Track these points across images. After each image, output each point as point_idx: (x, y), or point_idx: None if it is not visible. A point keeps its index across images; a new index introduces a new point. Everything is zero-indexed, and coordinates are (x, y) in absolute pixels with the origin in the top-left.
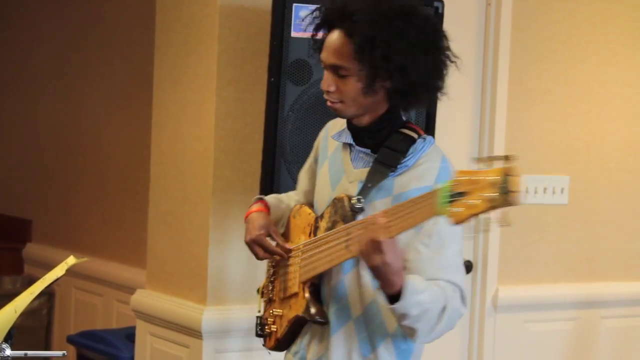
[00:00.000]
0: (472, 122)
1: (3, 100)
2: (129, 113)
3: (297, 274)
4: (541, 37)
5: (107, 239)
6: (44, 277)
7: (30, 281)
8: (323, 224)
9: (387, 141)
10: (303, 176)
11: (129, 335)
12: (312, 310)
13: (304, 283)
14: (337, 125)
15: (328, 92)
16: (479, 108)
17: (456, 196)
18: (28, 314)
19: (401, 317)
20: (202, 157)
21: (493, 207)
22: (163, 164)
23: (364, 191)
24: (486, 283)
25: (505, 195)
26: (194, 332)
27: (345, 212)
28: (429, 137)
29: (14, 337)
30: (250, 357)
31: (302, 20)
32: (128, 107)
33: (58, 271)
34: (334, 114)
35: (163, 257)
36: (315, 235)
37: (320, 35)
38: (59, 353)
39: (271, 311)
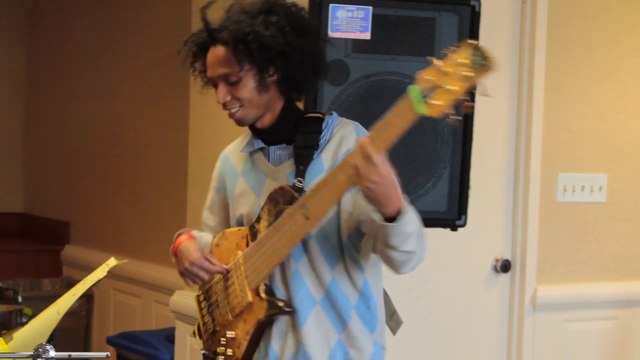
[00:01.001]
0: (509, 121)
1: (39, 102)
2: (166, 115)
3: (244, 285)
4: (577, 35)
5: (145, 241)
6: (85, 279)
7: (69, 283)
8: (263, 224)
9: (298, 128)
10: (208, 214)
11: (169, 336)
12: (279, 303)
13: (256, 288)
14: (234, 147)
15: (225, 103)
16: (515, 107)
17: (427, 92)
18: (68, 315)
19: (401, 236)
20: None
21: (472, 84)
22: (201, 165)
23: (299, 173)
24: (525, 282)
25: (479, 66)
26: None
27: (289, 195)
28: (333, 112)
29: (56, 338)
30: None
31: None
32: (165, 109)
33: (99, 273)
34: (373, 111)
35: None
36: (254, 240)
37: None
38: (102, 354)
39: (220, 339)
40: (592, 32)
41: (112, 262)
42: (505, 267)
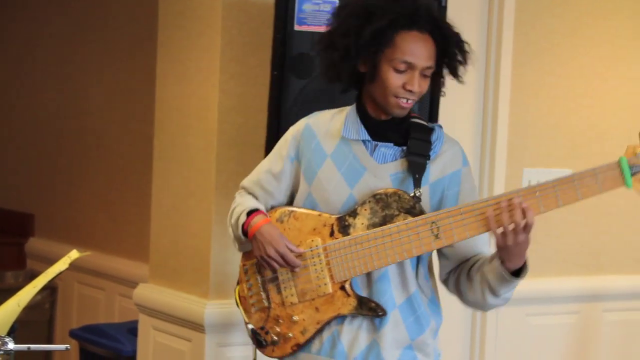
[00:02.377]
0: (475, 115)
1: (6, 95)
2: (132, 108)
3: (324, 274)
4: (544, 30)
5: (110, 234)
6: (46, 271)
7: (33, 275)
8: (361, 221)
9: (410, 132)
10: (271, 179)
11: (132, 329)
12: (372, 304)
13: (341, 282)
14: (322, 122)
15: (413, 92)
16: (481, 103)
17: (637, 167)
18: (30, 308)
19: (510, 287)
20: (205, 151)
21: None
22: (166, 158)
23: (417, 183)
24: None
25: None
26: (197, 326)
27: (408, 205)
28: (439, 124)
29: (16, 330)
30: (252, 350)
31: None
32: (131, 102)
33: (61, 265)
34: (338, 106)
35: (166, 251)
36: (344, 234)
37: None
38: (61, 347)
39: (277, 318)
40: (557, 28)
41: (74, 254)
42: None
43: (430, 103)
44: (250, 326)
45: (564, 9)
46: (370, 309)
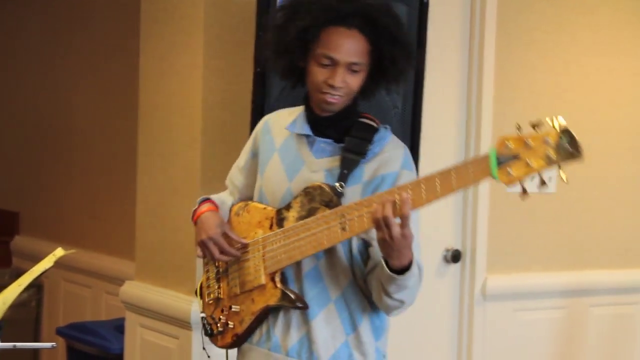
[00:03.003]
0: (459, 112)
1: None
2: (116, 105)
3: (260, 266)
4: (526, 26)
5: (96, 231)
6: (32, 269)
7: (19, 274)
8: (292, 214)
9: (352, 130)
10: (237, 173)
11: (119, 326)
12: (292, 296)
13: (272, 274)
14: (280, 118)
15: (335, 87)
16: (465, 99)
17: (506, 159)
18: (17, 306)
19: (399, 287)
20: (190, 148)
21: (550, 165)
22: (150, 155)
23: (342, 177)
24: (475, 272)
25: (566, 153)
26: (184, 323)
27: (328, 198)
28: (388, 127)
29: (2, 329)
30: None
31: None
32: (115, 99)
33: (46, 263)
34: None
35: (152, 248)
36: (279, 226)
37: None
38: (47, 345)
39: (223, 309)
40: (539, 23)
41: (59, 252)
42: (455, 257)
43: (414, 100)
44: (201, 314)
45: (545, 5)
46: (290, 301)
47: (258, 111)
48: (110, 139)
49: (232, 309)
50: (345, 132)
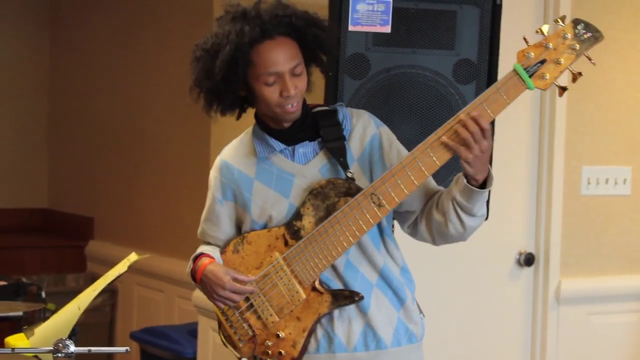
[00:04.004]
0: (532, 113)
1: (63, 98)
2: (188, 110)
3: (293, 284)
4: (601, 26)
5: (168, 236)
6: (106, 274)
7: (93, 278)
8: (308, 220)
9: (317, 123)
10: (209, 226)
11: (191, 331)
12: (346, 293)
13: (311, 284)
14: (233, 154)
15: (293, 95)
16: (538, 100)
17: (534, 67)
18: (91, 311)
19: (483, 201)
20: None
21: (578, 56)
22: None
23: (344, 165)
24: (549, 276)
25: (588, 39)
26: None
27: (345, 187)
28: (341, 102)
29: (78, 333)
30: None
31: (360, 14)
32: (187, 104)
33: (120, 268)
34: (394, 105)
35: None
36: (297, 238)
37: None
38: (122, 349)
39: (264, 342)
40: (615, 24)
41: (133, 257)
42: (528, 260)
43: None
44: (243, 359)
45: (620, 4)
46: (346, 298)
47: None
48: (182, 142)
49: (279, 337)
50: (312, 129)
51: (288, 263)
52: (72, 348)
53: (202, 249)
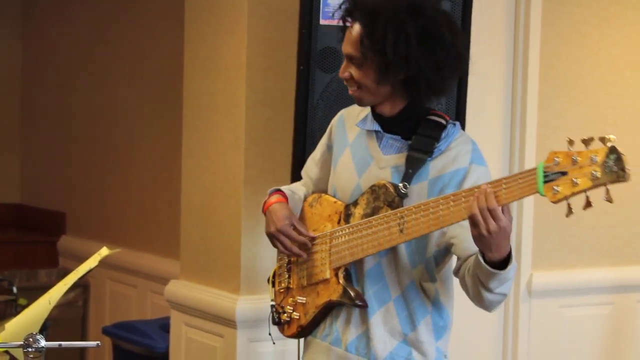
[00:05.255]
0: (504, 107)
1: (35, 93)
2: (161, 105)
3: (326, 260)
4: (572, 20)
5: (141, 231)
6: (77, 269)
7: (65, 273)
8: (359, 211)
9: (418, 128)
10: (313, 165)
11: (164, 325)
12: (352, 294)
13: (336, 269)
14: (353, 113)
15: (345, 79)
16: (510, 93)
17: (554, 176)
18: (64, 306)
19: (501, 281)
20: (234, 147)
21: (596, 185)
22: (194, 155)
23: (407, 177)
24: (520, 268)
25: (611, 173)
26: (228, 322)
27: (391, 198)
28: (457, 123)
29: (49, 328)
30: (284, 344)
31: (331, 8)
32: (159, 99)
33: (91, 262)
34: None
35: (196, 247)
36: (346, 222)
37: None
38: (92, 344)
39: (291, 299)
40: (586, 17)
41: (104, 251)
42: None
43: (458, 96)
44: (271, 302)
45: None
46: (349, 298)
47: (302, 109)
48: (154, 138)
49: (299, 300)
50: (412, 129)
51: (330, 239)
52: (43, 343)
53: (284, 186)
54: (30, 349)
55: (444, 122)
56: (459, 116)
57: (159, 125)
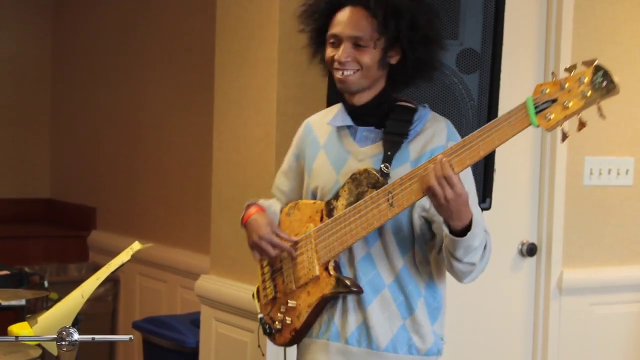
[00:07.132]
0: None
1: (65, 88)
2: (191, 100)
3: (313, 258)
4: (604, 17)
5: (171, 226)
6: (109, 263)
7: (96, 268)
8: (341, 202)
9: (390, 115)
10: (283, 178)
11: (194, 320)
12: (347, 282)
13: (325, 263)
14: (318, 118)
15: (343, 63)
16: None
17: (544, 105)
18: (94, 300)
19: (467, 249)
20: (264, 142)
21: (588, 104)
22: (225, 150)
23: (386, 159)
24: (551, 266)
25: (601, 89)
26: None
27: (374, 179)
28: (426, 105)
29: (81, 322)
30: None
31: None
32: (190, 94)
33: (123, 257)
34: (399, 96)
35: (227, 242)
36: (329, 217)
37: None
38: (125, 337)
39: (281, 306)
40: (617, 14)
41: (136, 246)
42: (531, 250)
43: (490, 92)
44: (259, 315)
45: None
46: (345, 286)
47: (333, 104)
48: (185, 133)
49: (290, 305)
50: (385, 117)
51: (315, 237)
52: (76, 336)
53: (260, 200)
54: (63, 342)
55: (413, 106)
56: (490, 115)
57: (189, 120)
